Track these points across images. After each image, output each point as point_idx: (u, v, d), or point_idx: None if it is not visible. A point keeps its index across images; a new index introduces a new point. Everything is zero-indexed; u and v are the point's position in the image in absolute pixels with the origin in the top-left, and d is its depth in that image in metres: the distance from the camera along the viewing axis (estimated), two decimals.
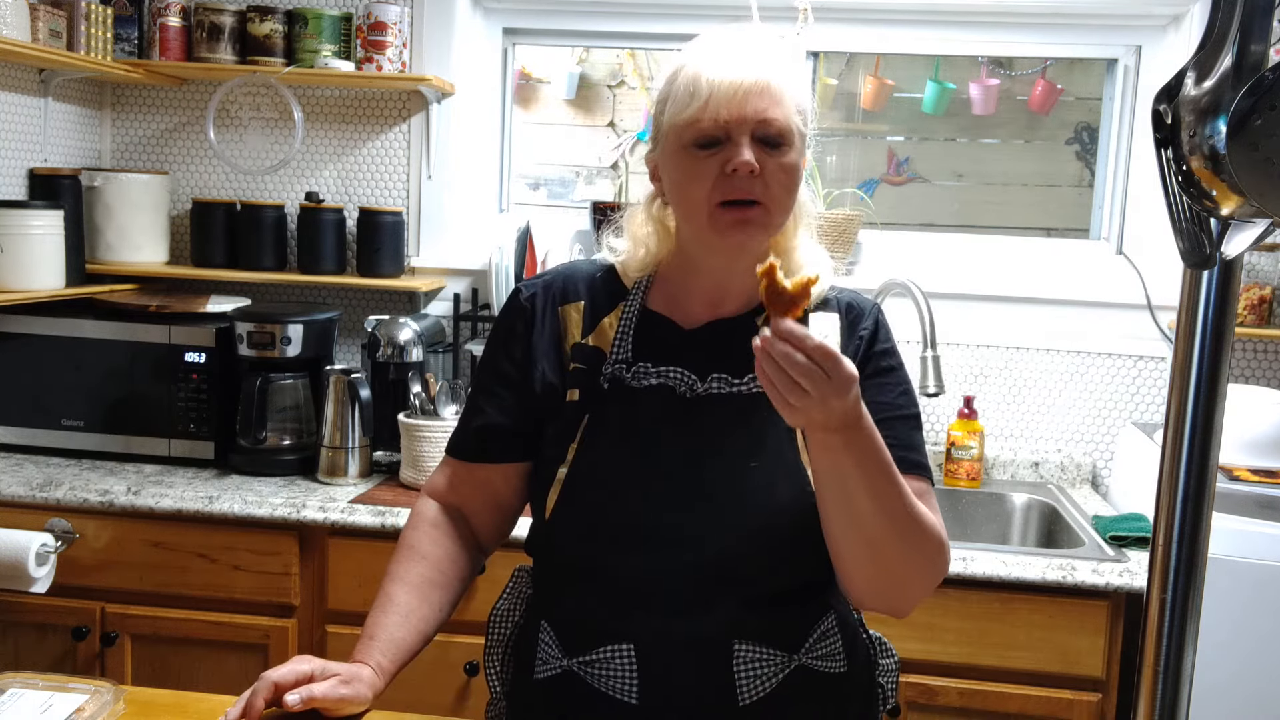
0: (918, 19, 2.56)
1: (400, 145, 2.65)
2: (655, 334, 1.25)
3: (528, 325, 1.29)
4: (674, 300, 1.27)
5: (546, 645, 1.23)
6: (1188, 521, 0.88)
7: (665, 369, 1.22)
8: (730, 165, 1.13)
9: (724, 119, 1.13)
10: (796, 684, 1.18)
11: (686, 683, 1.16)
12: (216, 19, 2.50)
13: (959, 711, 1.94)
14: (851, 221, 2.53)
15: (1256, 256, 2.40)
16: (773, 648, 1.17)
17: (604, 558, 1.19)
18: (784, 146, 1.16)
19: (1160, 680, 0.89)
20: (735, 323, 1.24)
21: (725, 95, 1.13)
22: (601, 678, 1.18)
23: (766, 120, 1.14)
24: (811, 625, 1.21)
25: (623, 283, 1.30)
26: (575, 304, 1.29)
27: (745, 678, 1.16)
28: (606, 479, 1.19)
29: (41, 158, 2.50)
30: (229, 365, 2.34)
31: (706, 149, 1.15)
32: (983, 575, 1.90)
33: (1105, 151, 2.64)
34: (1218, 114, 0.80)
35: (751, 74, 1.14)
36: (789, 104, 1.16)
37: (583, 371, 1.24)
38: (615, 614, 1.18)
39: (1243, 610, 1.84)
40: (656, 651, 1.16)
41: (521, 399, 1.28)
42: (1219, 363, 0.86)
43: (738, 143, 1.14)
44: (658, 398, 1.21)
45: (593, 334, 1.26)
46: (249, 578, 2.08)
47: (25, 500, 2.10)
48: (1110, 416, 2.50)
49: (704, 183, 1.15)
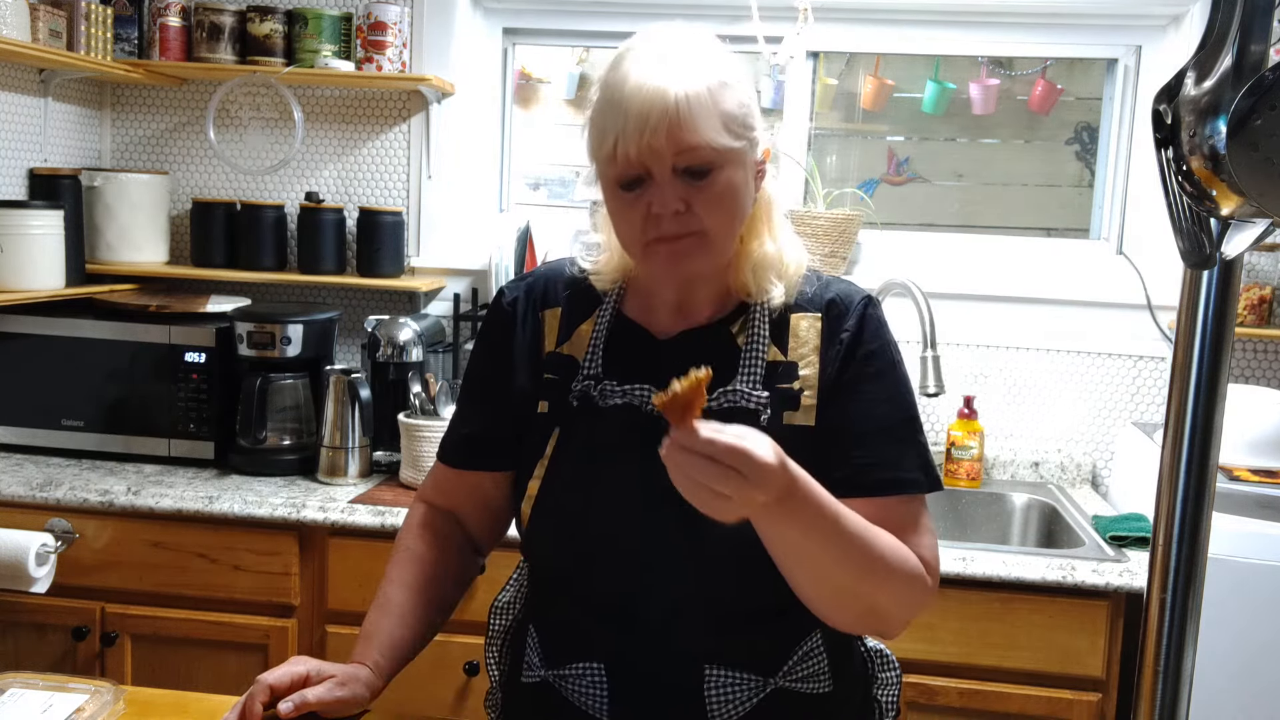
0: (918, 19, 2.56)
1: (400, 145, 2.65)
2: (628, 344, 1.21)
3: (508, 330, 1.26)
4: (647, 308, 1.22)
5: (532, 650, 1.23)
6: (1188, 521, 0.88)
7: (630, 387, 1.16)
8: (653, 209, 1.06)
9: (635, 156, 1.05)
10: (773, 707, 1.14)
11: (657, 705, 1.14)
12: (216, 19, 2.50)
13: (959, 711, 1.94)
14: (851, 221, 2.53)
15: (1256, 256, 2.40)
16: (747, 671, 1.14)
17: (575, 574, 1.18)
18: (713, 173, 1.07)
19: (1160, 680, 0.89)
20: (707, 332, 1.19)
21: (634, 131, 1.04)
22: (575, 693, 1.17)
23: (684, 151, 1.05)
24: (793, 646, 1.16)
25: (595, 287, 1.25)
26: (554, 309, 1.25)
27: (717, 702, 1.13)
28: (574, 498, 1.16)
29: (41, 158, 2.50)
30: (229, 365, 2.34)
31: (630, 189, 1.08)
32: (983, 575, 1.90)
33: (1105, 151, 2.64)
34: (1218, 114, 0.79)
35: (660, 101, 1.03)
36: (707, 125, 1.05)
37: (554, 383, 1.21)
38: (588, 631, 1.17)
39: (1243, 610, 1.84)
40: (626, 673, 1.15)
41: (503, 406, 1.25)
42: (1219, 363, 0.86)
43: (659, 181, 1.06)
44: (623, 416, 1.16)
45: (568, 342, 1.23)
46: (249, 578, 2.08)
47: (25, 500, 2.10)
48: (1110, 416, 2.50)
49: (634, 223, 1.09)
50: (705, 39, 1.12)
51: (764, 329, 1.17)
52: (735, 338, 1.18)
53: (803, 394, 1.15)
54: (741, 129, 1.09)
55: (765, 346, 1.17)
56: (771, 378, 1.16)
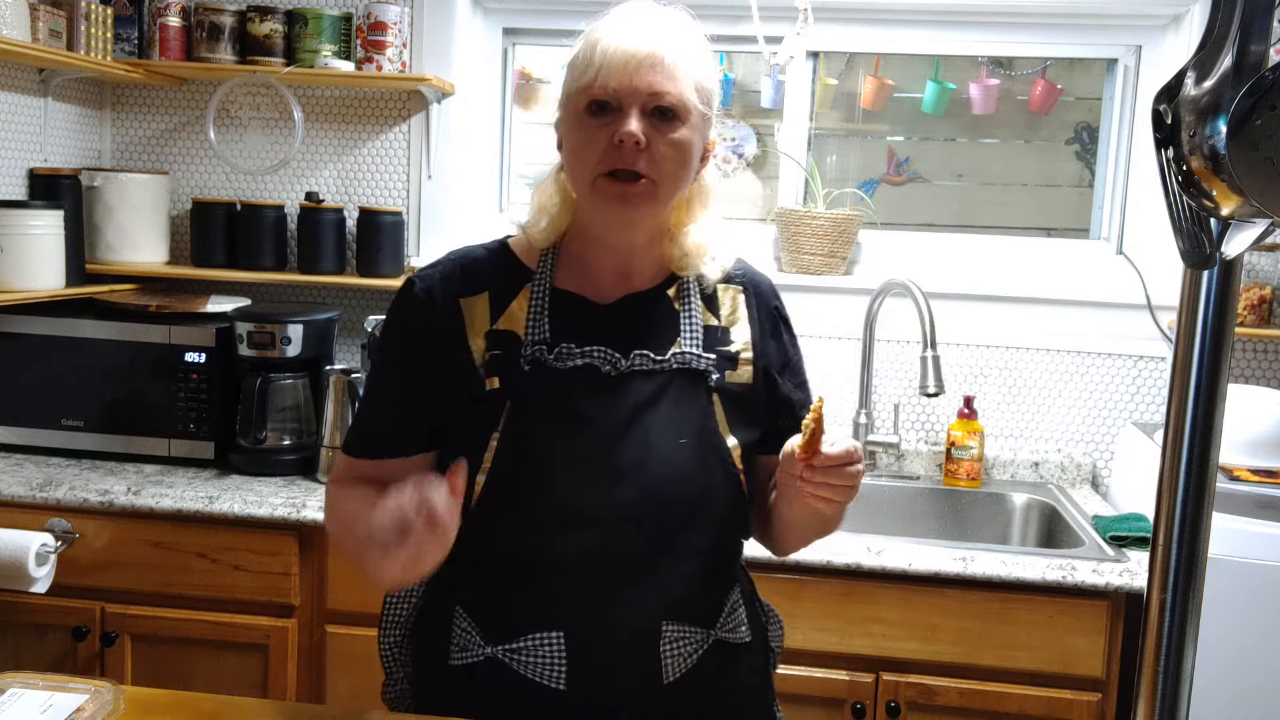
0: (918, 19, 2.56)
1: (400, 145, 2.65)
2: (570, 313, 1.24)
3: (423, 320, 1.25)
4: (583, 276, 1.26)
5: (465, 632, 1.21)
6: (1188, 521, 0.88)
7: (589, 349, 1.21)
8: (617, 136, 1.14)
9: (613, 87, 1.15)
10: (712, 657, 1.22)
11: (615, 666, 1.18)
12: (216, 19, 2.50)
13: (959, 711, 1.94)
14: (851, 221, 2.53)
15: (1256, 256, 2.40)
16: (695, 625, 1.21)
17: (536, 543, 1.17)
18: (675, 122, 1.16)
19: (1160, 680, 0.89)
20: (647, 297, 1.26)
21: (618, 64, 1.15)
22: (529, 664, 1.17)
23: (658, 93, 1.15)
24: (724, 599, 1.26)
25: (522, 262, 1.28)
26: (479, 296, 1.25)
27: (670, 657, 1.19)
28: (537, 463, 1.18)
29: (41, 158, 2.50)
30: (229, 365, 2.34)
31: (598, 116, 1.16)
32: (983, 575, 1.90)
33: (1105, 151, 2.64)
34: (1218, 114, 0.79)
35: (646, 46, 1.15)
36: (684, 80, 1.16)
37: (500, 357, 1.22)
38: (545, 601, 1.18)
39: (1243, 610, 1.84)
40: (587, 638, 1.17)
41: (422, 393, 1.24)
42: (1219, 363, 0.86)
43: (627, 113, 1.15)
44: (582, 377, 1.20)
45: (502, 319, 1.24)
46: (249, 578, 2.08)
47: (25, 500, 2.10)
48: (1110, 416, 2.50)
49: (593, 151, 1.16)
50: (693, 21, 1.23)
51: (698, 297, 1.28)
52: (673, 302, 1.27)
53: (740, 355, 1.28)
54: (705, 100, 1.20)
55: (701, 312, 1.27)
56: (710, 340, 1.26)
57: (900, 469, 2.53)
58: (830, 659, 1.95)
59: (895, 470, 2.53)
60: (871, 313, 2.47)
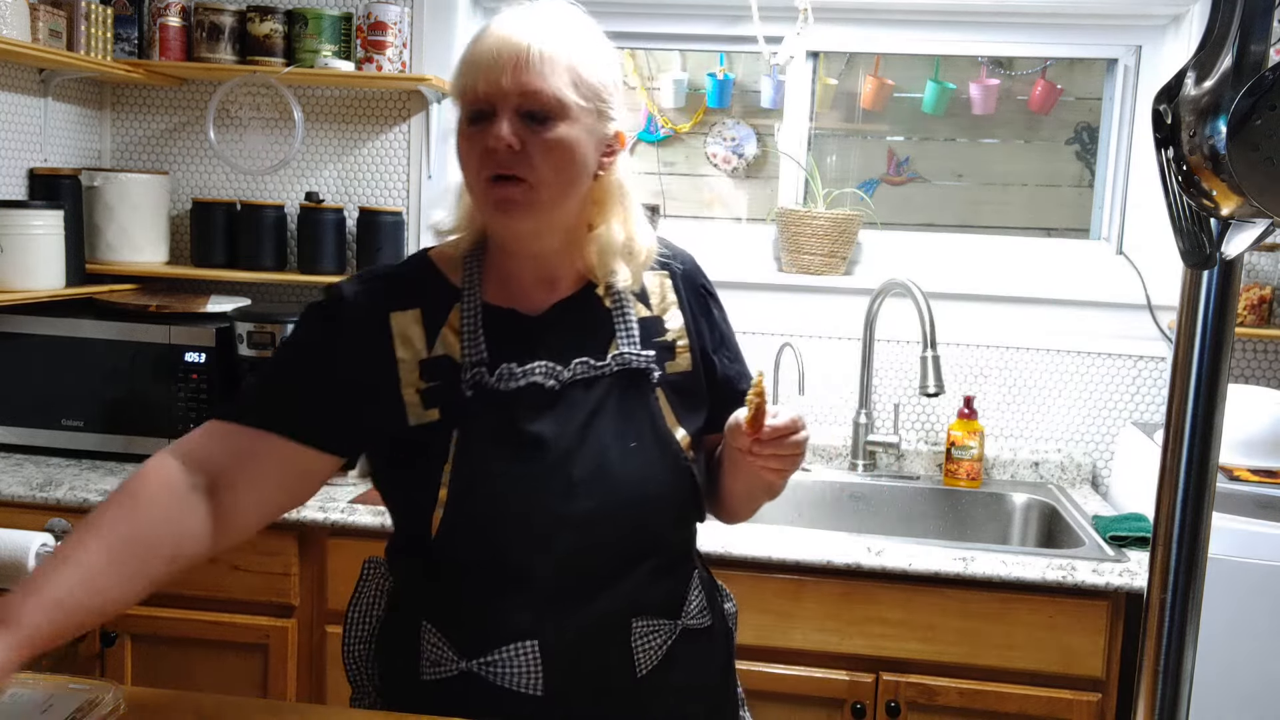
0: (918, 19, 2.56)
1: (400, 145, 2.65)
2: (503, 328, 1.21)
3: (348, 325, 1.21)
4: (508, 288, 1.23)
5: (435, 646, 1.20)
6: (1188, 521, 0.88)
7: (531, 366, 1.18)
8: (489, 142, 1.12)
9: (483, 92, 1.12)
10: (680, 646, 1.25)
11: (590, 666, 1.19)
12: (216, 19, 2.50)
13: (959, 711, 1.94)
14: (851, 221, 2.54)
15: (1256, 256, 2.40)
16: (662, 617, 1.23)
17: (504, 563, 1.17)
18: (551, 121, 1.12)
19: (1160, 680, 0.89)
20: (576, 300, 1.24)
21: (485, 67, 1.12)
22: (505, 675, 1.17)
23: (528, 93, 1.11)
24: (687, 588, 1.28)
25: (447, 277, 1.24)
26: (411, 311, 1.21)
27: (642, 651, 1.21)
28: (495, 488, 1.16)
29: (41, 158, 2.50)
30: (229, 365, 2.34)
31: (477, 124, 1.14)
32: (982, 575, 1.90)
33: (1105, 151, 2.64)
34: (1218, 114, 0.79)
35: (511, 47, 1.11)
36: (556, 76, 1.12)
37: (439, 388, 1.19)
38: (517, 614, 1.17)
39: (1243, 610, 1.84)
40: (560, 643, 1.17)
41: (334, 387, 1.20)
42: (1219, 363, 0.86)
43: (499, 117, 1.12)
44: (527, 396, 1.18)
45: (437, 343, 1.20)
46: (249, 578, 2.08)
47: (25, 500, 2.10)
48: (1110, 416, 2.50)
49: (473, 159, 1.15)
50: (578, 14, 1.19)
51: (627, 291, 1.26)
52: (603, 300, 1.25)
53: (676, 344, 1.28)
54: (590, 94, 1.15)
55: (632, 305, 1.26)
56: (646, 333, 1.26)
57: (900, 469, 2.53)
58: (830, 659, 1.95)
59: (895, 470, 2.53)
60: (871, 313, 2.47)
